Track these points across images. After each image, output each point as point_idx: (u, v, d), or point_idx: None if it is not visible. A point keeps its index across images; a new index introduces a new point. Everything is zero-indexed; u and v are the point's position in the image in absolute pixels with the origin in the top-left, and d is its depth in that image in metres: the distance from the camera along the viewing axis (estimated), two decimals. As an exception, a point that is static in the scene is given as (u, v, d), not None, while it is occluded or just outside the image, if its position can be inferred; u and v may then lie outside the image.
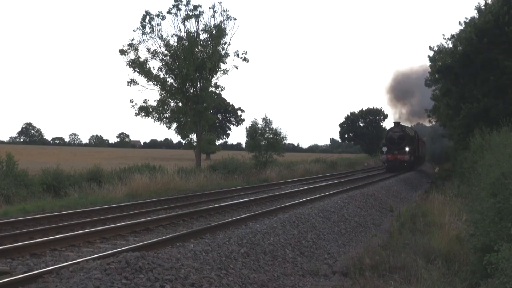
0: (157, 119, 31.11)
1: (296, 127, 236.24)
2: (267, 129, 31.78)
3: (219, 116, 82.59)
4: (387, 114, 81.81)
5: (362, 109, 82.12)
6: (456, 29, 72.60)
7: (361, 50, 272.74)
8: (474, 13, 25.41)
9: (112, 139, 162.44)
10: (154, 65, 52.31)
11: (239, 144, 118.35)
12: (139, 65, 29.59)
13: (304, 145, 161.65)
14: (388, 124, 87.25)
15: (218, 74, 31.01)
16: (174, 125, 33.26)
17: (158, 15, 30.18)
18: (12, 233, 10.02)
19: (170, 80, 30.53)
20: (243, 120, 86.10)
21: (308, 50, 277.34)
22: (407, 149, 38.02)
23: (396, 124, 41.30)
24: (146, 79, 29.86)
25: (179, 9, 30.28)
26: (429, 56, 28.28)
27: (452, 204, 14.96)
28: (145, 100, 30.76)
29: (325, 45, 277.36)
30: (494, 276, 5.85)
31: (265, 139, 31.75)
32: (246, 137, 32.91)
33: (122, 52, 29.70)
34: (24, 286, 6.42)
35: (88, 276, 6.15)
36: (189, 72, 29.08)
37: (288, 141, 40.53)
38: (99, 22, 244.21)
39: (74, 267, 6.73)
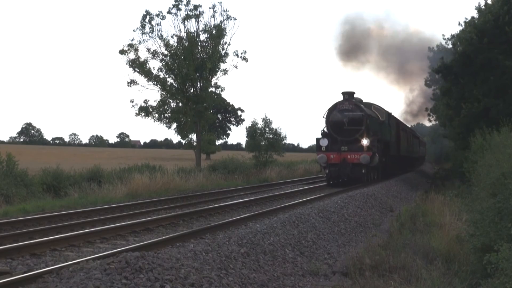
0: (157, 119, 31.14)
1: (296, 127, 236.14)
2: (267, 129, 31.77)
3: (219, 116, 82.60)
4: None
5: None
6: (455, 29, 72.71)
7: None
8: (474, 13, 25.46)
9: (112, 139, 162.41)
10: (154, 65, 52.27)
11: (239, 144, 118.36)
12: (139, 65, 29.61)
13: (304, 145, 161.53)
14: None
15: (218, 74, 31.05)
16: (174, 125, 33.28)
17: (158, 15, 30.22)
18: (12, 233, 10.02)
19: (170, 80, 30.57)
20: (243, 120, 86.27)
21: (308, 50, 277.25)
22: (365, 142, 21.81)
23: (347, 96, 22.68)
24: (146, 79, 29.90)
25: (179, 9, 30.32)
26: (428, 57, 28.35)
27: (452, 204, 14.96)
28: (146, 100, 30.81)
29: (325, 45, 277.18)
30: (494, 276, 5.86)
31: (265, 139, 31.76)
32: (246, 137, 32.90)
33: (122, 52, 29.71)
34: (24, 286, 6.42)
35: (88, 276, 6.15)
36: (189, 72, 29.09)
37: (288, 141, 39.99)
38: (99, 22, 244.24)
39: (74, 267, 6.73)
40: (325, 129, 22.91)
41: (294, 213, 12.80)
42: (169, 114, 31.38)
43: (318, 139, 22.67)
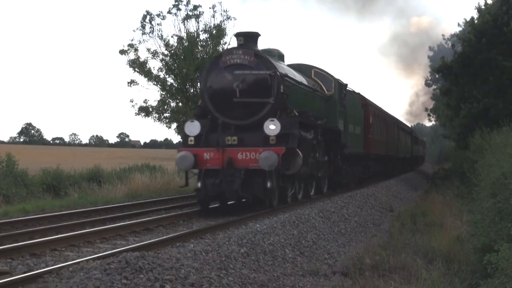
0: (157, 119, 31.14)
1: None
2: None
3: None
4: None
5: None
6: (455, 29, 72.75)
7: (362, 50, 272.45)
8: (475, 13, 25.52)
9: (112, 139, 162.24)
10: (154, 65, 52.28)
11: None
12: (139, 65, 29.60)
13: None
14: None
15: (218, 74, 31.02)
16: (174, 125, 33.25)
17: (158, 15, 30.23)
18: (12, 233, 10.01)
19: (170, 80, 30.57)
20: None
21: (308, 49, 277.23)
22: (272, 127, 11.52)
23: (242, 39, 12.21)
24: (146, 79, 29.90)
25: (179, 9, 30.30)
26: (428, 57, 28.36)
27: (452, 204, 14.99)
28: (145, 100, 30.78)
29: (325, 44, 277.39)
30: (494, 276, 5.87)
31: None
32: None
33: (122, 52, 29.70)
34: (24, 286, 6.42)
35: (88, 276, 6.15)
36: (189, 72, 29.11)
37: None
38: (99, 22, 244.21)
39: (74, 267, 6.73)
40: (200, 103, 13.51)
41: (294, 213, 12.79)
42: (169, 114, 31.39)
43: (184, 123, 13.46)
